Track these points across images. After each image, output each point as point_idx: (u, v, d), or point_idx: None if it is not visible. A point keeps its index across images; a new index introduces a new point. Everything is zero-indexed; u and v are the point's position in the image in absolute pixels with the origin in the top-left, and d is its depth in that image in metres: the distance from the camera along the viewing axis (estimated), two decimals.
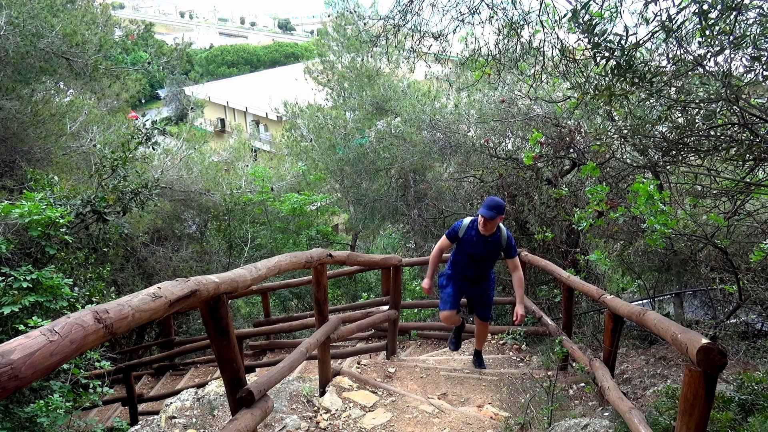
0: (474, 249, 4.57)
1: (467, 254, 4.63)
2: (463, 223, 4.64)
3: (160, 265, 10.23)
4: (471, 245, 4.57)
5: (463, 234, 4.59)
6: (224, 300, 2.41)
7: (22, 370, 1.23)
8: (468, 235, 4.57)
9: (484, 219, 4.33)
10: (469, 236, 4.56)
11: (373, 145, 10.79)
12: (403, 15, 4.68)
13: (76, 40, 7.99)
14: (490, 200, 4.39)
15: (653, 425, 3.25)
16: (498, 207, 4.32)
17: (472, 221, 4.60)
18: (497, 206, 4.33)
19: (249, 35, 74.89)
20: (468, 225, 4.60)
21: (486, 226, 4.39)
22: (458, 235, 4.62)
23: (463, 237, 4.60)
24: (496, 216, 4.32)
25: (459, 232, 4.61)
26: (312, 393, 4.35)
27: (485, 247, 4.55)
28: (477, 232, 4.50)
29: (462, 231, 4.60)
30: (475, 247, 4.56)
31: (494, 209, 4.31)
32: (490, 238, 4.52)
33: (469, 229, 4.57)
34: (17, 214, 4.70)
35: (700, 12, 2.97)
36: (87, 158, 9.36)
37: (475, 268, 4.71)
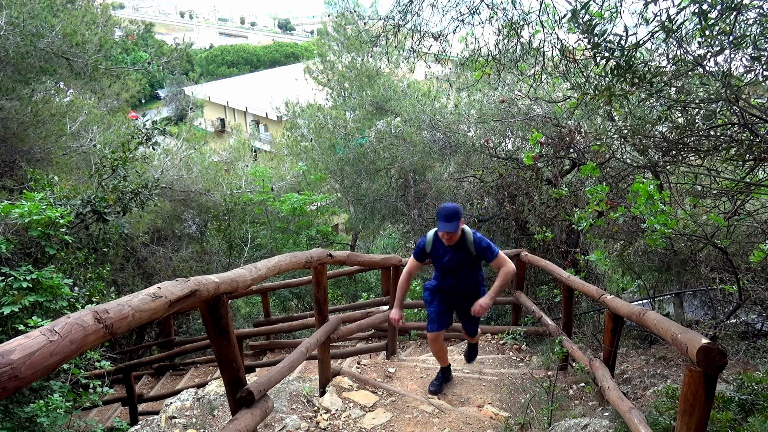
0: (447, 261, 4.15)
1: (443, 268, 4.22)
2: (428, 237, 4.18)
3: (160, 265, 10.23)
4: (440, 259, 4.17)
5: (430, 249, 4.18)
6: (224, 300, 2.41)
7: (22, 370, 1.23)
8: (435, 249, 4.16)
9: (444, 233, 3.94)
10: (436, 250, 4.16)
11: (373, 145, 10.79)
12: (403, 15, 4.68)
13: (76, 40, 7.99)
14: (444, 209, 3.91)
15: (653, 425, 3.26)
16: (454, 214, 3.87)
17: (436, 233, 4.13)
18: (453, 214, 3.87)
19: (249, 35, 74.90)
20: (433, 238, 4.16)
21: (447, 239, 3.98)
22: (426, 251, 4.20)
23: (432, 253, 4.19)
24: (457, 225, 3.90)
25: (426, 248, 4.18)
26: (312, 393, 4.35)
27: (455, 258, 4.12)
28: (442, 243, 4.09)
29: (429, 246, 4.17)
30: (445, 260, 4.15)
31: (452, 218, 3.86)
32: (456, 248, 4.09)
33: (435, 242, 4.14)
34: (17, 214, 4.70)
35: (700, 12, 2.97)
36: (87, 158, 9.36)
37: (456, 279, 4.25)
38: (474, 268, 4.22)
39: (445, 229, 3.86)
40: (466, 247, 4.07)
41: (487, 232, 8.41)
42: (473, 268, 4.21)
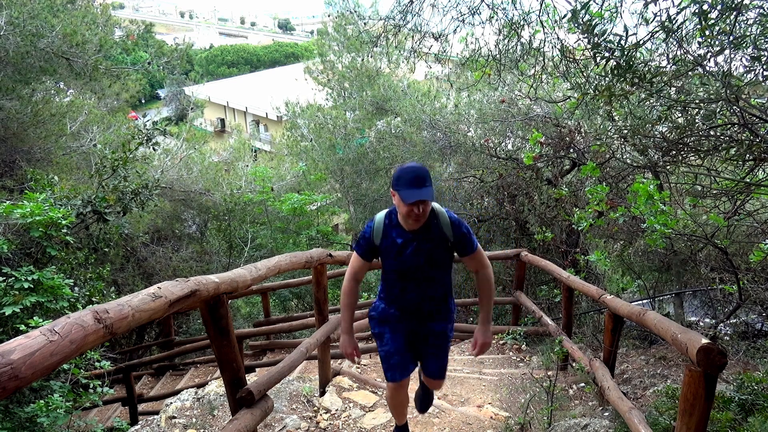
0: (405, 259, 2.72)
1: (397, 270, 2.77)
2: (376, 222, 2.77)
3: (160, 265, 10.23)
4: (398, 254, 2.73)
5: (380, 240, 2.75)
6: (224, 300, 2.41)
7: (22, 370, 1.23)
8: (389, 238, 2.73)
9: (413, 206, 2.49)
10: (390, 240, 2.73)
11: (373, 145, 10.80)
12: (404, 15, 4.68)
13: (76, 40, 7.99)
14: (410, 169, 2.52)
15: (653, 425, 3.26)
16: (427, 175, 2.52)
17: (388, 215, 2.76)
18: (426, 175, 2.52)
19: (249, 35, 74.90)
20: (384, 223, 2.75)
21: (418, 215, 2.53)
22: (375, 243, 2.77)
23: (382, 245, 2.75)
24: (433, 193, 2.56)
25: (373, 238, 2.76)
26: (312, 393, 4.35)
27: (422, 250, 2.70)
28: (401, 229, 2.69)
29: (377, 235, 2.75)
30: (405, 255, 2.72)
31: (424, 181, 2.50)
32: (424, 234, 2.68)
33: (388, 229, 2.74)
34: (19, 214, 4.70)
35: (700, 12, 2.97)
36: (87, 158, 9.37)
37: (418, 290, 2.80)
38: (447, 268, 2.83)
39: (418, 198, 2.45)
40: (438, 232, 2.69)
41: (487, 232, 8.41)
42: (446, 268, 2.82)
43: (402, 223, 2.66)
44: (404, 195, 2.46)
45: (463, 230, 2.70)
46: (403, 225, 2.65)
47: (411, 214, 2.50)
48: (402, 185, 2.48)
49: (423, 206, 2.48)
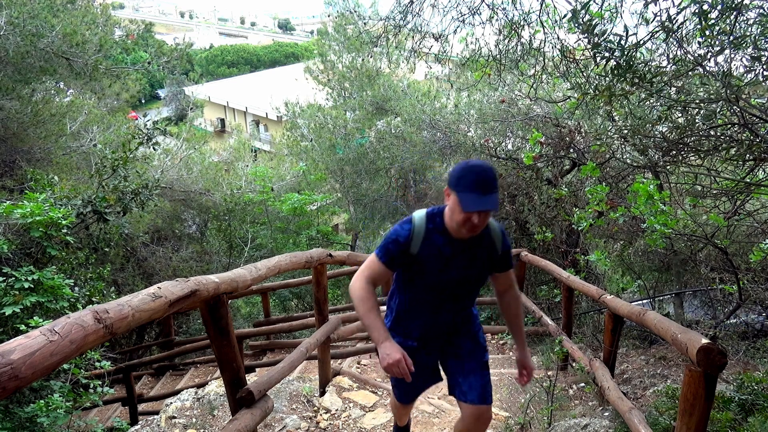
0: (453, 273, 2.29)
1: (435, 287, 2.32)
2: (416, 224, 2.27)
3: (160, 265, 10.23)
4: (444, 267, 2.27)
5: (420, 247, 2.26)
6: (224, 300, 2.41)
7: (22, 370, 1.23)
8: (432, 246, 2.26)
9: (473, 215, 2.08)
10: (434, 249, 2.26)
11: (373, 145, 10.80)
12: (404, 15, 4.68)
13: (76, 40, 7.99)
14: (477, 170, 2.08)
15: (653, 425, 3.26)
16: (495, 179, 2.09)
17: (431, 217, 2.29)
18: (494, 179, 2.09)
19: (249, 35, 74.90)
20: (426, 227, 2.26)
21: (476, 226, 2.12)
22: (409, 250, 2.26)
23: (422, 254, 2.26)
24: (497, 200, 2.13)
25: (410, 244, 2.25)
26: (312, 393, 4.35)
27: (471, 264, 2.30)
28: (449, 237, 2.25)
29: (416, 242, 2.25)
30: (453, 268, 2.28)
31: (493, 187, 2.07)
32: (476, 244, 2.28)
33: (432, 235, 2.26)
34: (19, 214, 4.70)
35: (700, 12, 2.97)
36: (87, 158, 9.37)
37: (453, 310, 2.41)
38: (479, 289, 2.49)
39: (482, 207, 2.04)
40: (489, 243, 2.31)
41: None
42: (478, 289, 2.49)
43: (450, 230, 2.20)
44: (464, 201, 2.03)
45: (509, 244, 2.38)
46: (452, 232, 2.20)
47: (467, 223, 2.07)
48: (463, 188, 2.03)
49: (484, 216, 2.06)
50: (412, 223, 2.26)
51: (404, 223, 2.28)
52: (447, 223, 2.22)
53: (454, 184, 2.11)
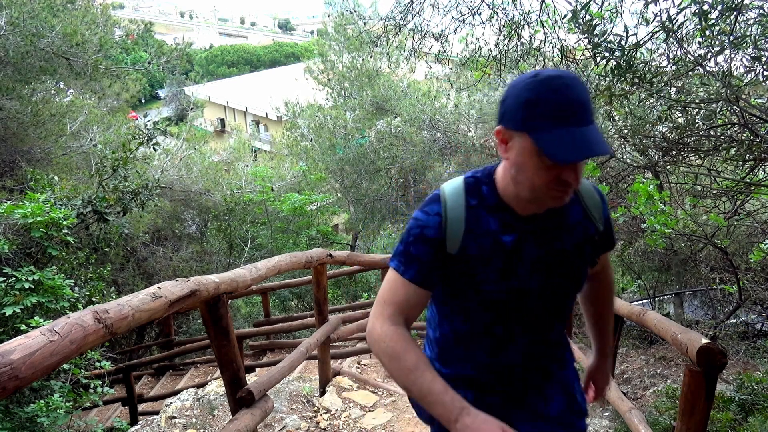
0: (519, 277, 1.34)
1: (495, 304, 1.36)
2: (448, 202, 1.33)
3: (160, 265, 10.23)
4: (507, 267, 1.34)
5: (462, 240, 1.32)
6: (224, 300, 2.41)
7: (22, 370, 1.23)
8: (481, 235, 1.33)
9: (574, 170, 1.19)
10: (486, 239, 1.33)
11: (373, 145, 10.80)
12: (404, 15, 4.69)
13: (76, 40, 7.99)
14: (560, 86, 1.13)
15: (653, 425, 3.26)
16: (590, 100, 1.18)
17: (472, 186, 1.36)
18: (588, 99, 1.17)
19: (249, 35, 74.91)
20: (467, 204, 1.34)
21: (570, 186, 1.21)
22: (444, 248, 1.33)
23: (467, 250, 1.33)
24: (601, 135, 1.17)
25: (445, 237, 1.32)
26: (312, 393, 4.35)
27: (555, 257, 1.36)
28: (508, 215, 1.33)
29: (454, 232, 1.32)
30: (518, 267, 1.34)
31: (589, 110, 1.16)
32: (555, 223, 1.36)
33: (478, 218, 1.33)
34: (19, 214, 4.70)
35: (700, 12, 2.97)
36: (87, 158, 9.37)
37: (530, 340, 1.43)
38: (573, 300, 1.51)
39: (588, 152, 1.13)
40: (581, 216, 1.42)
41: None
42: (573, 300, 1.50)
43: (512, 202, 1.31)
44: (550, 145, 1.13)
45: (608, 210, 1.49)
46: (514, 205, 1.31)
47: (555, 187, 1.20)
48: (541, 120, 1.14)
49: (581, 169, 1.21)
50: (441, 201, 1.32)
51: (429, 203, 1.34)
52: (504, 191, 1.30)
53: (522, 116, 1.16)
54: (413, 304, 1.36)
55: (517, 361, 1.44)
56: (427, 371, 1.29)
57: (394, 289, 1.37)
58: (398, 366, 1.31)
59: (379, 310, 1.38)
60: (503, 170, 1.32)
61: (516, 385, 1.47)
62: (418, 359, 1.31)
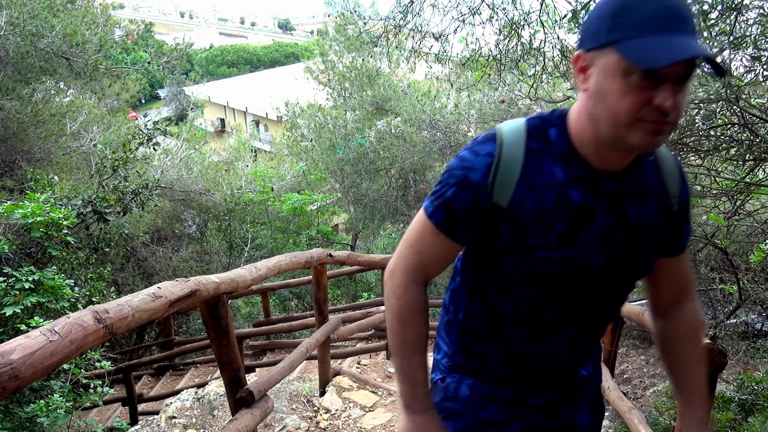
0: (585, 248, 1.09)
1: (549, 280, 1.10)
2: (505, 142, 1.09)
3: (160, 265, 10.23)
4: (566, 233, 1.07)
5: (513, 192, 1.07)
6: (224, 300, 2.41)
7: (22, 370, 1.23)
8: (542, 190, 1.07)
9: (673, 88, 0.92)
10: (547, 194, 1.06)
11: (373, 145, 10.81)
12: (404, 15, 4.69)
13: (76, 40, 7.99)
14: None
15: (653, 425, 3.26)
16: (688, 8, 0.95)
17: (534, 131, 1.10)
18: (685, 6, 0.94)
19: (249, 35, 74.91)
20: (527, 148, 1.08)
21: (670, 110, 0.92)
22: (492, 200, 1.07)
23: (517, 204, 1.07)
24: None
25: (493, 187, 1.07)
26: (312, 393, 4.35)
27: (627, 230, 1.10)
28: (582, 169, 1.06)
29: (505, 181, 1.06)
30: (584, 236, 1.08)
31: (688, 18, 0.93)
32: (636, 187, 1.10)
33: (541, 166, 1.07)
34: (20, 214, 4.70)
35: (700, 12, 2.97)
36: (87, 158, 9.37)
37: (582, 333, 1.20)
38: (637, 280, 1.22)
39: (687, 53, 0.89)
40: (658, 185, 1.13)
41: None
42: (636, 280, 1.21)
43: (588, 148, 1.06)
44: (639, 50, 0.92)
45: (689, 192, 1.20)
46: (590, 154, 1.06)
47: (648, 114, 0.94)
48: (631, 26, 0.93)
49: (680, 93, 0.94)
50: (496, 141, 1.10)
51: (480, 142, 1.12)
52: (579, 136, 1.05)
53: (607, 27, 0.95)
54: (438, 257, 1.18)
55: (562, 355, 1.20)
56: (420, 354, 1.22)
57: (420, 234, 1.18)
58: (400, 330, 1.21)
59: (404, 255, 1.21)
60: (579, 108, 1.06)
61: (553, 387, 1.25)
62: (419, 336, 1.22)
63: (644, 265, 1.16)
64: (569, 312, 1.16)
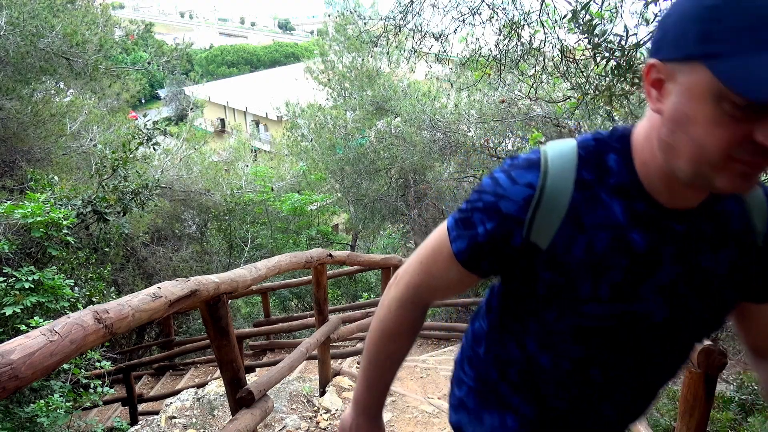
0: (643, 301, 0.89)
1: (599, 334, 0.91)
2: (551, 169, 0.87)
3: (160, 265, 10.24)
4: (624, 282, 0.88)
5: (556, 232, 0.87)
6: (224, 300, 2.41)
7: (22, 370, 1.23)
8: (601, 229, 0.87)
9: None
10: (602, 236, 0.87)
11: (373, 145, 10.81)
12: (404, 15, 4.69)
13: (76, 40, 8.00)
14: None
15: (653, 426, 3.26)
16: None
17: (594, 153, 0.89)
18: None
19: (249, 35, 74.93)
20: (581, 178, 0.88)
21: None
22: (529, 238, 0.88)
23: (562, 247, 0.88)
24: None
25: (532, 223, 0.87)
26: (312, 393, 4.35)
27: (700, 280, 0.90)
28: (649, 204, 0.87)
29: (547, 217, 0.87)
30: (645, 286, 0.88)
31: None
32: (709, 224, 0.89)
33: (596, 201, 0.87)
34: (20, 214, 4.70)
35: None
36: (87, 158, 9.37)
37: (634, 393, 1.01)
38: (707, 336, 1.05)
39: None
40: (740, 228, 0.92)
41: None
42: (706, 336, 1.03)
43: (656, 182, 0.86)
44: (743, 72, 0.68)
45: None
46: (659, 188, 0.87)
47: (745, 153, 0.73)
48: (731, 36, 0.69)
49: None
50: (540, 168, 0.89)
51: (521, 166, 0.91)
52: (645, 166, 0.87)
53: (696, 35, 0.72)
54: (450, 284, 1.02)
55: (611, 417, 1.02)
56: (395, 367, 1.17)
57: (434, 254, 1.00)
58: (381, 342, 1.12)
59: (412, 270, 1.05)
60: (648, 131, 0.85)
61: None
62: (400, 352, 1.13)
63: (718, 318, 0.98)
64: (622, 373, 0.96)
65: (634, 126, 0.90)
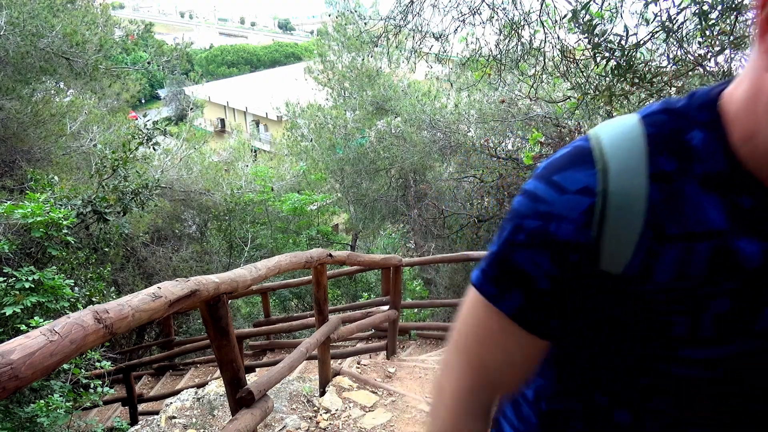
0: (758, 336, 0.61)
1: (705, 393, 0.65)
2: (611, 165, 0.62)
3: (160, 265, 10.24)
4: (730, 312, 0.61)
5: (636, 250, 0.61)
6: (224, 300, 2.41)
7: (22, 370, 1.23)
8: (694, 239, 0.60)
9: None
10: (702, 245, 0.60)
11: (373, 145, 10.81)
12: (404, 15, 4.69)
13: (76, 40, 8.00)
14: None
15: None
16: None
17: (676, 132, 0.62)
18: None
19: (249, 35, 74.94)
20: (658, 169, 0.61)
21: None
22: (596, 264, 0.63)
23: (658, 276, 0.61)
24: None
25: (601, 248, 0.62)
26: (312, 393, 4.35)
27: None
28: (761, 193, 0.59)
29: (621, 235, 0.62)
30: (760, 315, 0.61)
31: None
32: None
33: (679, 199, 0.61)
34: (20, 214, 4.70)
35: (700, 12, 2.98)
36: (87, 158, 9.37)
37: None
38: None
39: None
40: None
41: (486, 232, 8.42)
42: None
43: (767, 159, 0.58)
44: None
45: None
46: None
47: None
48: None
49: None
50: (596, 163, 0.64)
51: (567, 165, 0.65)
52: (749, 136, 0.60)
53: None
54: (515, 364, 0.74)
55: None
56: None
57: (479, 333, 0.73)
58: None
59: (456, 371, 0.76)
60: (750, 92, 0.60)
61: None
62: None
63: None
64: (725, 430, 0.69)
65: (720, 89, 0.65)
